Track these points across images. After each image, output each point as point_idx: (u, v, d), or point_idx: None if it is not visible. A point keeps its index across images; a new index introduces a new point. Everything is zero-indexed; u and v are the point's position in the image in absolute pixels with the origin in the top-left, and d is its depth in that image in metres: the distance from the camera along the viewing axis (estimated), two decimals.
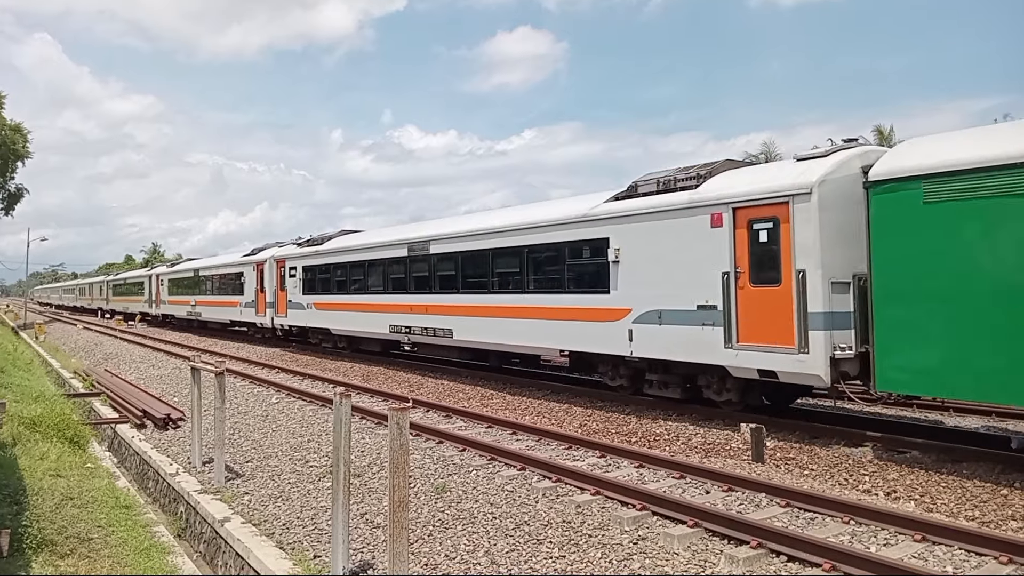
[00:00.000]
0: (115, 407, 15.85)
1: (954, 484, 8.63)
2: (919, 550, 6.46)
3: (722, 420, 12.07)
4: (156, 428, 13.59)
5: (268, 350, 27.43)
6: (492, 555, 6.76)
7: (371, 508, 8.16)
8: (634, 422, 12.59)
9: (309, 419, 13.40)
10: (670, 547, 6.75)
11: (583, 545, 6.87)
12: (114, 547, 7.57)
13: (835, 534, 6.81)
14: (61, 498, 8.66)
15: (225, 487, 9.51)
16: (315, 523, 7.90)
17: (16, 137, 43.58)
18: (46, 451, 10.64)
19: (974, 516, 7.68)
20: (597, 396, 14.66)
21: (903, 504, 8.09)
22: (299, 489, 9.17)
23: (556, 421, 13.03)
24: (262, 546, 7.40)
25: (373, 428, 12.30)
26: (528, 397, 15.36)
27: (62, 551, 7.26)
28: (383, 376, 19.55)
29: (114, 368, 22.85)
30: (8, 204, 48.58)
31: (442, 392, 16.52)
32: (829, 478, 9.11)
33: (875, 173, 9.39)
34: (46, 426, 11.83)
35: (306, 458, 10.59)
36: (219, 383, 10.04)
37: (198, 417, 11.03)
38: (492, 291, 16.68)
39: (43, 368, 25.04)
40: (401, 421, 5.89)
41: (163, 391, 17.60)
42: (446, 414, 13.51)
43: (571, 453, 10.29)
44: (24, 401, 13.90)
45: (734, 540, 6.74)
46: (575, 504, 7.89)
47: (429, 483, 8.96)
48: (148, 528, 8.48)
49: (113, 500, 9.16)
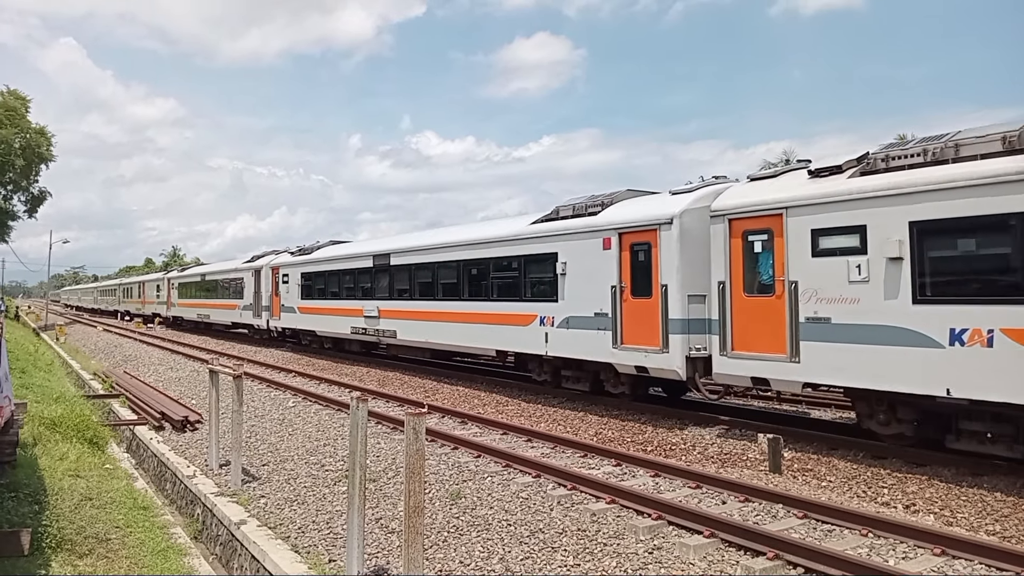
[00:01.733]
0: (134, 409, 16.00)
1: (974, 498, 8.52)
2: (939, 564, 6.39)
3: (739, 430, 12.01)
4: (174, 430, 13.70)
5: (284, 354, 27.61)
6: (507, 562, 6.75)
7: (386, 513, 8.18)
8: (650, 431, 12.54)
9: (325, 423, 13.45)
10: (686, 557, 6.71)
11: (598, 554, 6.85)
12: (132, 548, 7.63)
13: (853, 547, 6.74)
14: (80, 498, 8.75)
15: (241, 490, 9.56)
16: (330, 527, 7.93)
17: (40, 140, 44.19)
18: (66, 451, 10.77)
19: (995, 530, 7.57)
20: (613, 404, 14.62)
21: (923, 517, 8.00)
22: (315, 493, 9.20)
23: (571, 429, 13.01)
24: (278, 549, 7.44)
25: (388, 433, 12.33)
26: (543, 404, 15.33)
27: (81, 551, 7.33)
28: (399, 381, 19.60)
29: (133, 370, 23.06)
30: (32, 206, 49.20)
31: (457, 398, 16.54)
32: (847, 490, 9.02)
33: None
34: (66, 427, 11.97)
35: (322, 462, 10.63)
36: (237, 386, 10.10)
37: (216, 420, 11.10)
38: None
39: (63, 369, 25.32)
40: (417, 426, 5.91)
41: (181, 393, 17.74)
42: (461, 420, 13.52)
43: (586, 461, 10.26)
44: (45, 402, 14.06)
45: (751, 551, 6.69)
46: (590, 512, 7.86)
47: (444, 489, 8.97)
48: (165, 529, 8.54)
49: (131, 501, 9.25)
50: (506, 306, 16.61)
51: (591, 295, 14.10)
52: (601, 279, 13.83)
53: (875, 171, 10.05)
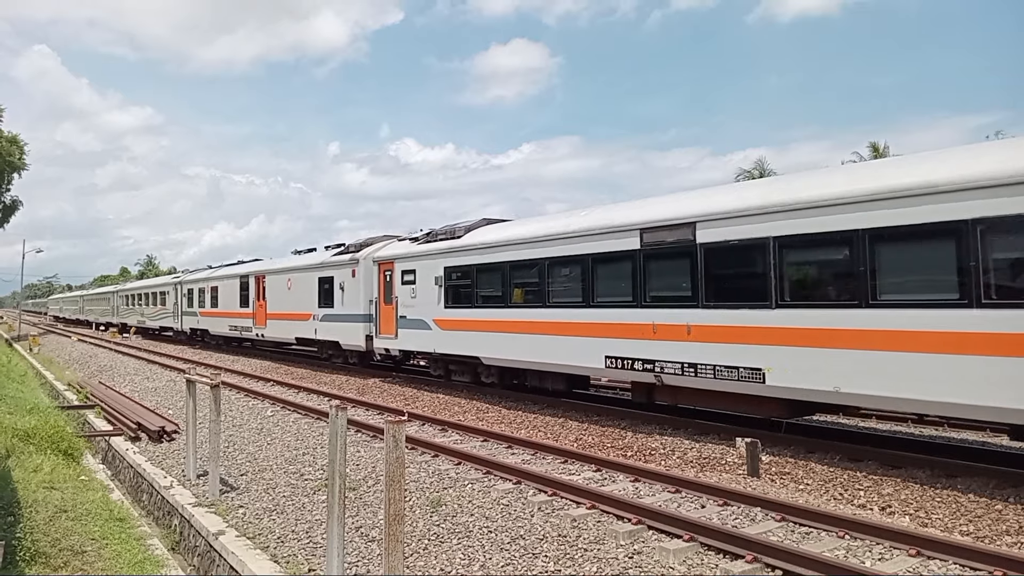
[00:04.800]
0: (109, 419, 15.78)
1: (949, 499, 8.65)
2: (914, 564, 6.48)
3: (717, 435, 12.10)
4: (150, 441, 13.53)
5: (262, 363, 27.37)
6: (487, 569, 6.75)
7: (366, 521, 8.14)
8: (630, 436, 12.59)
9: (304, 432, 13.36)
10: (665, 561, 6.75)
11: (579, 559, 6.87)
12: (108, 560, 7.54)
13: (830, 549, 6.82)
14: (55, 510, 8.63)
15: (219, 500, 9.47)
16: (310, 536, 7.88)
17: (12, 149, 43.52)
18: (40, 463, 10.61)
19: (969, 531, 7.69)
20: (593, 411, 14.66)
21: (898, 519, 8.10)
22: (294, 502, 9.14)
23: (552, 435, 13.03)
24: (257, 559, 7.37)
25: (368, 441, 12.27)
26: (524, 411, 15.34)
27: (56, 564, 7.23)
28: (378, 390, 19.52)
29: (108, 380, 22.76)
30: (3, 216, 48.41)
31: (437, 406, 16.50)
32: (824, 493, 9.12)
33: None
34: (40, 438, 11.79)
35: (301, 471, 10.56)
36: (214, 396, 10.02)
37: (193, 430, 10.99)
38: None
39: (37, 380, 24.94)
40: (397, 434, 5.90)
41: (157, 403, 17.54)
42: (441, 428, 13.49)
43: (567, 467, 10.28)
44: (18, 413, 13.85)
45: (729, 555, 6.75)
46: (571, 518, 7.89)
47: (424, 496, 8.95)
48: (142, 541, 8.44)
49: (107, 513, 9.13)
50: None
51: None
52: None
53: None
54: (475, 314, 17.28)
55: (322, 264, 24.91)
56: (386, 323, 20.95)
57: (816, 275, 10.65)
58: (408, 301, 19.75)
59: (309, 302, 25.28)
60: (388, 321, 20.79)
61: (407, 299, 19.80)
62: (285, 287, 27.43)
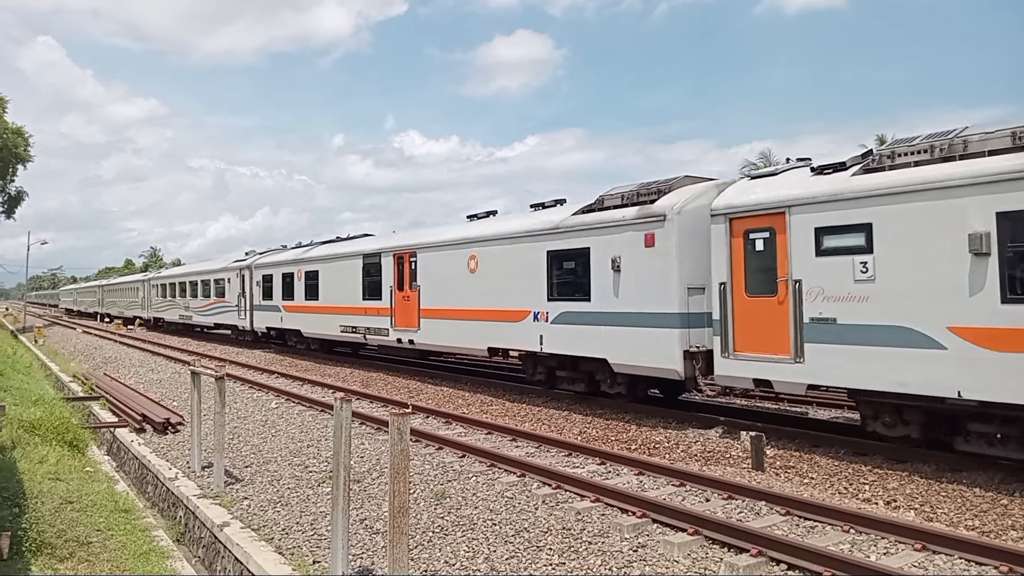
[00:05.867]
0: (114, 411, 15.83)
1: (954, 493, 8.63)
2: (919, 559, 6.46)
3: (722, 428, 12.08)
4: (155, 432, 13.57)
5: (267, 355, 27.43)
6: (492, 562, 6.75)
7: (371, 514, 8.15)
8: (634, 429, 12.59)
9: (309, 424, 13.39)
10: (670, 555, 6.74)
11: (583, 552, 6.86)
12: (113, 551, 7.55)
13: (835, 543, 6.80)
14: (60, 501, 8.64)
15: (224, 492, 9.49)
16: (315, 528, 7.89)
17: (17, 140, 43.59)
18: (45, 454, 10.62)
19: (974, 525, 7.68)
20: (597, 403, 14.66)
21: (903, 513, 8.09)
22: (298, 494, 9.15)
23: (556, 428, 13.03)
24: (261, 551, 7.39)
25: (372, 434, 12.29)
26: (528, 404, 15.35)
27: (61, 554, 7.24)
28: (382, 382, 19.54)
29: (113, 372, 22.82)
30: (8, 207, 48.54)
31: (442, 398, 16.52)
32: (829, 487, 9.11)
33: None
34: (45, 429, 11.81)
35: (305, 463, 10.58)
36: (219, 387, 10.03)
37: (198, 421, 11.01)
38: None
39: (42, 372, 25.01)
40: (402, 426, 5.90)
41: (162, 395, 17.59)
42: (446, 420, 13.50)
43: (571, 460, 10.28)
44: (23, 404, 13.87)
45: (734, 548, 6.74)
46: (575, 511, 7.88)
47: (429, 489, 8.96)
48: (147, 532, 8.45)
49: (112, 504, 9.14)
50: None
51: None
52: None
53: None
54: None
55: (569, 229, 14.71)
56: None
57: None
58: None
59: (523, 291, 15.72)
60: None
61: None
62: (465, 268, 17.70)
